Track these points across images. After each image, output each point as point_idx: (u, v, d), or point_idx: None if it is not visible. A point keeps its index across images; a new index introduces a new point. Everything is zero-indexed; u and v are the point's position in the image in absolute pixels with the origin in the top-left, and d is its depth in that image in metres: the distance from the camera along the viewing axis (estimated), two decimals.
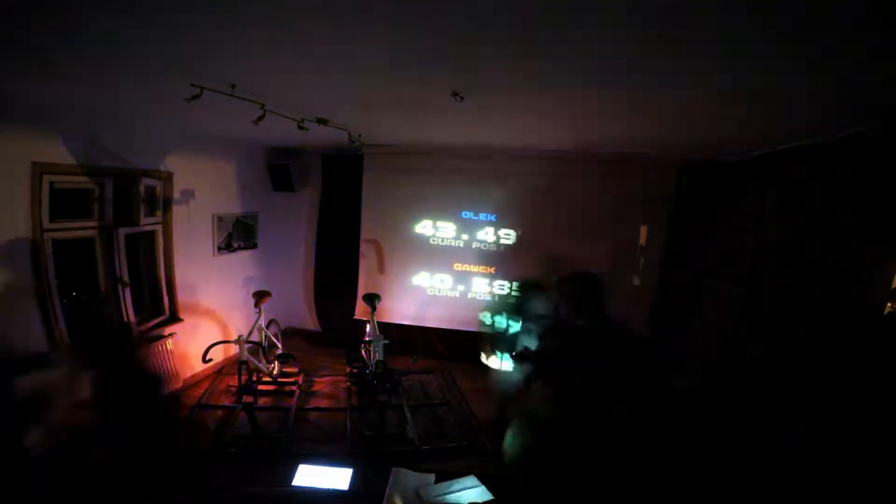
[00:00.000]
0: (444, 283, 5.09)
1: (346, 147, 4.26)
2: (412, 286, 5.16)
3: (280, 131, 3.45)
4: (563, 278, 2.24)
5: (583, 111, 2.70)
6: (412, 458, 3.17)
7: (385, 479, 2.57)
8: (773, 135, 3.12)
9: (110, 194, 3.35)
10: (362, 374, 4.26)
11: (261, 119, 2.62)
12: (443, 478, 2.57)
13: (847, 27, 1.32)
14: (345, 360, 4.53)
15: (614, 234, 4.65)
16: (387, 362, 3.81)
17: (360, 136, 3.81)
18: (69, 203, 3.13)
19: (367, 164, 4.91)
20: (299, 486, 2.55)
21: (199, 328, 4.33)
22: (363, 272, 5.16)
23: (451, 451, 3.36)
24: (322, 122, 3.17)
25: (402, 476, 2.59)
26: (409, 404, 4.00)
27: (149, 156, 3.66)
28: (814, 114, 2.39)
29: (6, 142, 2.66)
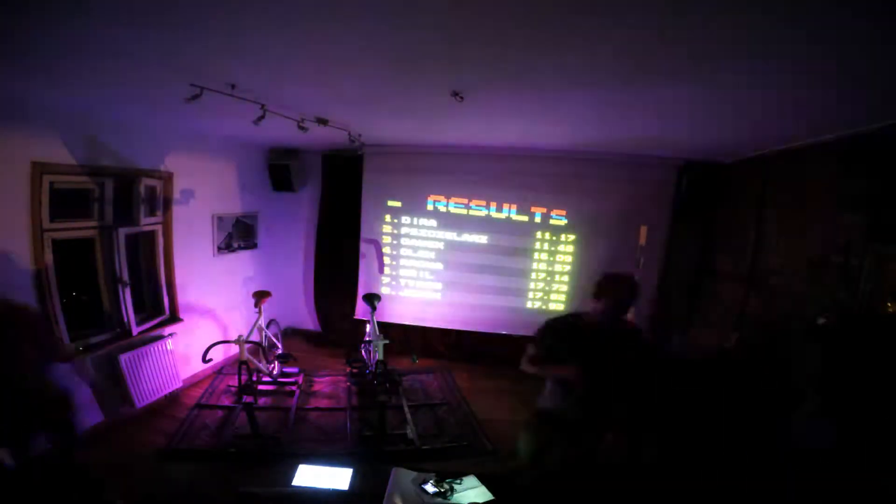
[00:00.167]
0: (444, 282, 5.08)
1: (346, 147, 4.26)
2: (412, 286, 5.16)
3: (280, 131, 3.46)
4: (606, 279, 2.17)
5: (583, 111, 2.70)
6: (412, 458, 3.17)
7: (385, 479, 2.56)
8: (772, 135, 3.12)
9: (110, 194, 3.35)
10: (362, 374, 4.25)
11: (261, 119, 2.63)
12: (443, 478, 2.58)
13: (847, 27, 1.32)
14: (345, 360, 4.53)
15: (614, 234, 4.65)
16: (387, 362, 3.81)
17: (360, 136, 3.81)
18: (69, 203, 3.12)
19: (367, 164, 4.91)
20: (299, 486, 2.55)
21: (199, 328, 4.33)
22: (363, 272, 5.16)
23: (451, 451, 3.36)
24: (322, 122, 3.17)
25: (402, 476, 2.59)
26: (409, 404, 4.00)
27: (149, 156, 3.65)
28: (816, 113, 2.39)
29: (6, 142, 2.66)
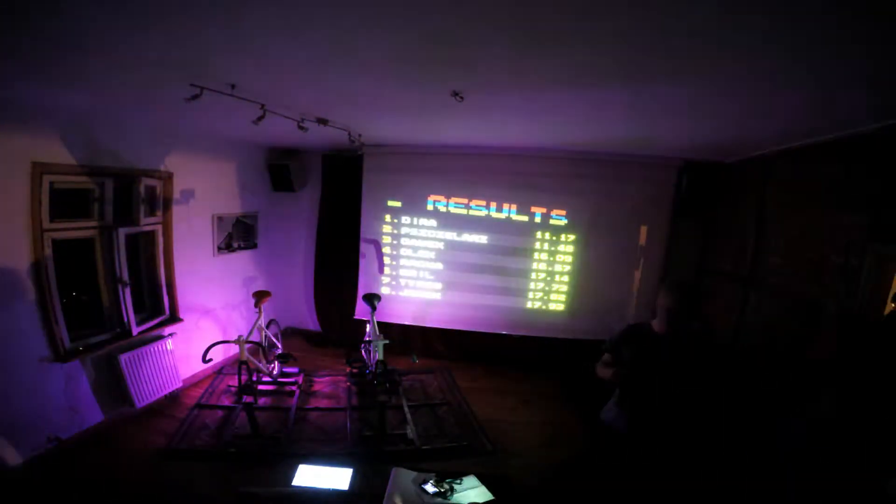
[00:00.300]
0: (444, 282, 5.08)
1: (346, 147, 4.26)
2: (412, 286, 5.16)
3: (280, 131, 3.46)
4: (667, 285, 2.24)
5: (583, 111, 2.70)
6: (412, 458, 3.17)
7: (385, 479, 2.57)
8: (772, 135, 3.12)
9: (110, 194, 3.35)
10: (362, 374, 4.26)
11: (261, 119, 2.63)
12: (443, 478, 2.58)
13: (847, 27, 1.32)
14: (345, 360, 4.53)
15: (614, 234, 4.65)
16: (387, 362, 3.81)
17: (360, 136, 3.81)
18: (69, 203, 3.12)
19: (367, 164, 4.91)
20: (299, 486, 2.56)
21: (199, 328, 4.33)
22: (363, 272, 5.16)
23: (451, 451, 3.35)
24: (322, 122, 3.17)
25: (402, 476, 2.59)
26: (409, 404, 4.00)
27: (149, 156, 3.65)
28: (816, 113, 2.39)
29: (6, 142, 2.66)
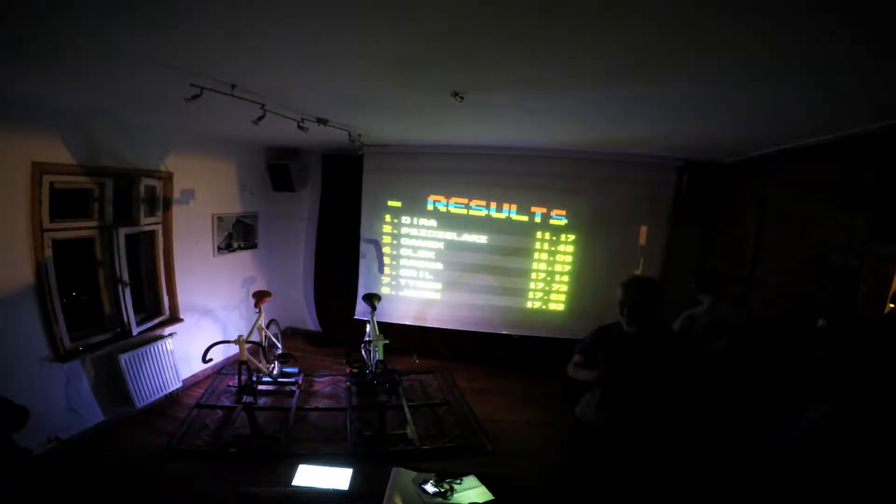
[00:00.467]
0: (444, 282, 5.08)
1: (346, 147, 4.26)
2: (412, 286, 5.16)
3: (280, 131, 3.46)
4: (625, 283, 2.16)
5: (583, 111, 2.70)
6: (412, 458, 3.17)
7: (385, 479, 2.57)
8: (772, 135, 3.12)
9: (110, 194, 3.35)
10: (362, 374, 4.25)
11: (261, 119, 2.63)
12: (443, 478, 2.58)
13: (847, 27, 1.32)
14: (345, 360, 4.53)
15: (614, 234, 4.65)
16: (387, 362, 3.81)
17: (360, 136, 3.81)
18: (69, 203, 3.12)
19: (367, 164, 4.91)
20: (299, 486, 2.55)
21: (199, 328, 4.33)
22: (363, 272, 5.16)
23: (451, 451, 3.36)
24: (322, 122, 3.17)
25: (402, 476, 2.59)
26: (409, 404, 4.00)
27: (149, 156, 3.65)
28: (817, 113, 2.39)
29: (6, 142, 2.66)
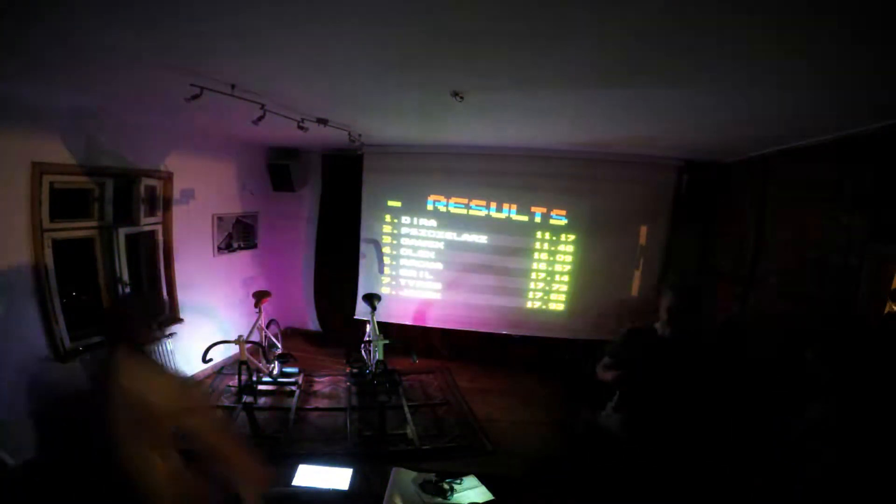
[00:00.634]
0: (444, 282, 5.08)
1: (346, 147, 4.26)
2: (412, 286, 5.16)
3: (280, 131, 3.46)
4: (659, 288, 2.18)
5: (583, 111, 2.70)
6: (412, 458, 3.17)
7: (385, 479, 2.57)
8: (772, 135, 3.12)
9: (110, 194, 3.34)
10: (362, 374, 4.25)
11: (261, 119, 2.63)
12: (443, 478, 2.58)
13: (847, 27, 1.32)
14: (345, 360, 4.53)
15: (615, 234, 4.64)
16: (387, 362, 3.81)
17: (360, 136, 3.81)
18: (69, 203, 3.12)
19: (367, 164, 4.91)
20: (299, 486, 2.55)
21: (199, 328, 4.32)
22: (363, 272, 5.16)
23: (451, 451, 3.35)
24: (322, 122, 3.17)
25: (402, 476, 2.59)
26: (409, 404, 3.99)
27: (149, 156, 3.65)
28: (817, 113, 2.39)
29: (6, 142, 2.65)
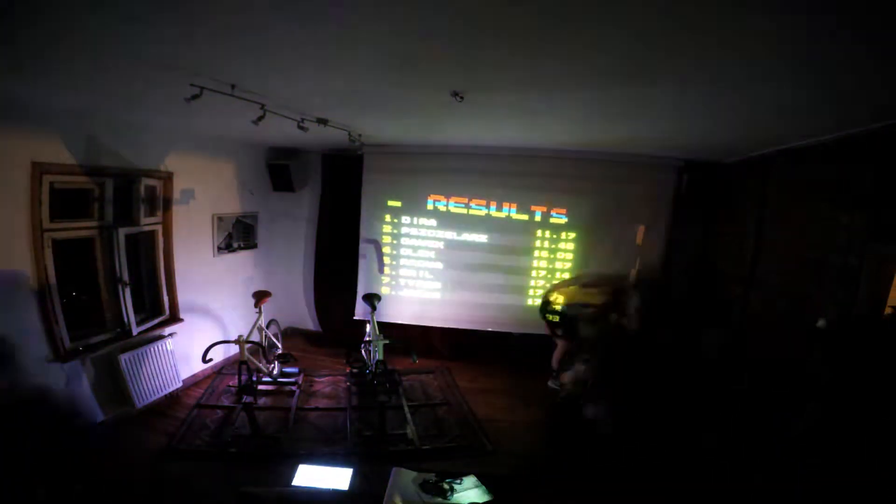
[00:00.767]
0: (444, 282, 5.08)
1: (346, 147, 4.26)
2: (412, 286, 5.16)
3: (280, 131, 3.46)
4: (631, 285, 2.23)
5: (583, 111, 2.70)
6: (412, 458, 3.18)
7: (385, 479, 2.57)
8: (772, 135, 3.12)
9: (110, 194, 3.35)
10: (362, 374, 4.25)
11: (261, 119, 2.62)
12: (443, 478, 2.58)
13: (847, 27, 1.32)
14: (345, 360, 4.53)
15: (615, 233, 4.64)
16: (387, 362, 3.81)
17: (360, 136, 3.81)
18: (69, 203, 3.12)
19: (367, 164, 4.91)
20: (299, 486, 2.55)
21: (199, 328, 4.33)
22: (363, 272, 5.15)
23: (451, 451, 3.35)
24: (322, 122, 3.17)
25: (402, 476, 2.59)
26: (409, 404, 4.00)
27: (149, 156, 3.65)
28: (816, 113, 2.39)
29: (6, 142, 2.66)
